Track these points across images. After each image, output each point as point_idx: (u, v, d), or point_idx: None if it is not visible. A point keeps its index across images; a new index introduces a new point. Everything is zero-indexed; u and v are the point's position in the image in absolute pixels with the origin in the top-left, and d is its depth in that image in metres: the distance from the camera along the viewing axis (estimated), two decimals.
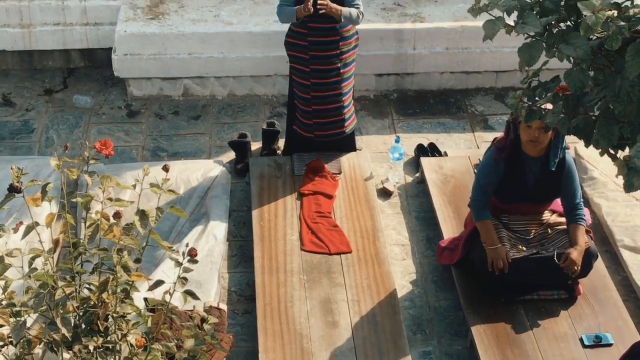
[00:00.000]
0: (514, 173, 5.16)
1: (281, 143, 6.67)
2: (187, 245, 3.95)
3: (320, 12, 5.77)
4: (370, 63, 7.14)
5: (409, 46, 7.16)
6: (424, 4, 7.37)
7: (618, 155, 3.56)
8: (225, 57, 7.09)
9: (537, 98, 3.69)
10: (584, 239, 5.15)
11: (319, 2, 5.76)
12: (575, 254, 5.06)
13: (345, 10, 5.87)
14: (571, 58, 3.44)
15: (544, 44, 3.49)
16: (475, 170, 6.21)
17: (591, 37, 3.37)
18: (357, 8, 5.92)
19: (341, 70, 6.07)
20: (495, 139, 5.39)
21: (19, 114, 7.04)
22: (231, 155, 6.63)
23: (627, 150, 3.46)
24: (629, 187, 3.24)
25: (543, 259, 5.15)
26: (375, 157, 6.63)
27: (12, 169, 3.78)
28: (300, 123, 6.28)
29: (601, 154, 3.61)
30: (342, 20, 5.87)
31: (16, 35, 7.29)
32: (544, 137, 5.02)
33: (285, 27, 6.14)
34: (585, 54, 3.33)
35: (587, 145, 3.58)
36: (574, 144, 6.34)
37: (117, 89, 7.33)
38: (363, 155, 6.50)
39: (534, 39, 3.50)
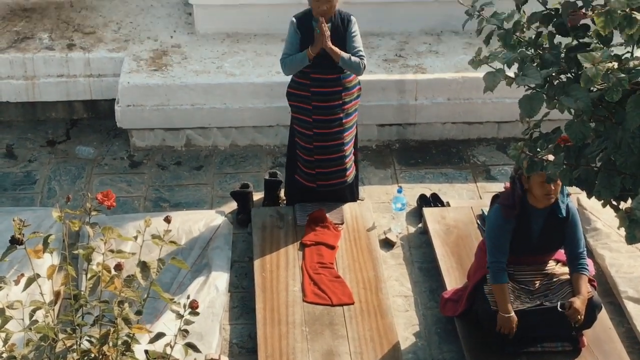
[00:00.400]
0: (521, 227, 5.14)
1: (282, 193, 6.67)
2: (188, 297, 3.92)
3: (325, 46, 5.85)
4: (372, 113, 7.17)
5: (411, 97, 7.19)
6: (425, 56, 7.42)
7: (620, 207, 3.56)
8: (227, 107, 7.12)
9: (538, 149, 3.70)
10: (586, 288, 5.13)
11: (320, 27, 5.82)
12: (579, 303, 5.04)
13: (345, 54, 5.91)
14: (572, 110, 3.45)
15: (544, 96, 3.50)
16: (478, 221, 6.22)
17: (592, 89, 3.38)
18: (360, 58, 5.97)
19: (343, 120, 6.10)
20: (496, 195, 5.35)
21: (22, 165, 7.06)
22: (233, 205, 6.63)
23: (629, 201, 3.46)
24: (631, 239, 3.23)
25: (547, 310, 5.12)
26: (378, 207, 6.62)
27: (14, 220, 3.77)
28: (303, 172, 6.29)
29: (603, 205, 3.61)
30: (340, 63, 5.90)
31: (20, 87, 7.34)
32: (557, 189, 5.01)
33: (287, 78, 6.17)
34: (586, 106, 3.34)
35: (589, 197, 3.58)
36: (576, 195, 6.34)
37: (119, 139, 7.36)
38: (365, 206, 6.50)
39: (534, 91, 3.51)
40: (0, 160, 7.11)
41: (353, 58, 5.93)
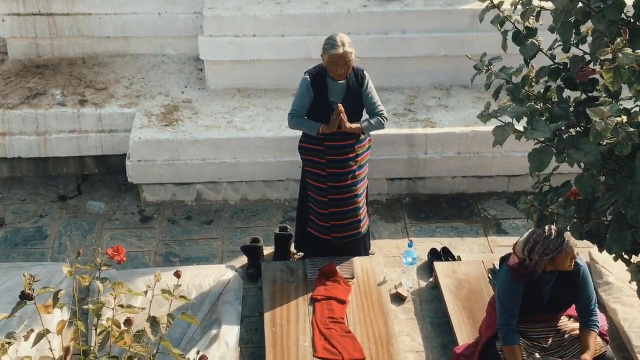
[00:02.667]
0: (531, 289, 5.10)
1: (293, 247, 6.67)
2: (198, 352, 3.90)
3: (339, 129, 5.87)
4: (382, 168, 7.19)
5: (421, 151, 7.21)
6: (435, 110, 7.46)
7: (632, 261, 3.54)
8: (238, 162, 7.15)
9: (548, 203, 3.70)
10: (595, 344, 5.08)
11: (338, 116, 5.84)
12: (589, 359, 4.99)
13: (365, 124, 5.95)
14: (582, 163, 3.46)
15: (554, 150, 3.51)
16: (490, 276, 6.18)
17: (601, 142, 3.39)
18: (380, 114, 6.01)
19: (356, 173, 6.12)
20: (505, 257, 5.31)
21: (33, 221, 7.08)
22: (244, 260, 6.62)
23: None
24: None
25: None
26: (389, 262, 6.60)
27: (24, 276, 3.78)
28: (317, 226, 6.28)
29: (615, 259, 3.59)
30: (364, 135, 5.97)
31: (32, 143, 7.39)
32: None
33: (298, 133, 6.20)
34: (596, 160, 3.34)
35: (600, 251, 3.57)
36: (588, 249, 6.31)
37: (130, 195, 7.39)
38: (376, 260, 6.48)
39: (544, 145, 3.52)
40: (12, 216, 7.13)
41: (374, 120, 5.98)
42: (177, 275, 4.01)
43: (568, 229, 3.55)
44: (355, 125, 5.90)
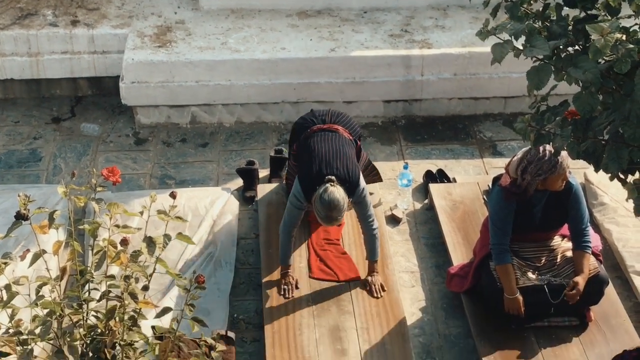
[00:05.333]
0: (523, 208, 5.12)
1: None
2: (194, 272, 3.92)
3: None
4: (378, 89, 7.14)
5: (417, 72, 7.15)
6: (431, 30, 7.38)
7: (628, 180, 3.53)
8: (232, 84, 7.09)
9: (545, 122, 3.67)
10: (588, 266, 5.11)
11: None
12: (581, 282, 5.03)
13: (374, 260, 5.57)
14: (580, 82, 3.43)
15: (552, 68, 3.47)
16: (484, 197, 6.20)
17: (600, 60, 3.35)
18: (372, 229, 5.50)
19: None
20: (497, 177, 5.31)
21: (27, 142, 7.05)
22: (239, 182, 6.62)
23: (637, 174, 3.43)
24: (639, 211, 3.21)
25: (553, 287, 5.12)
26: (384, 184, 6.60)
27: (19, 196, 3.77)
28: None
29: (611, 179, 3.58)
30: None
31: (24, 64, 7.31)
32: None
33: (293, 54, 6.12)
34: (594, 78, 3.31)
35: (596, 170, 3.55)
36: (583, 170, 6.32)
37: (124, 117, 7.34)
38: None
39: (542, 63, 3.48)
40: (5, 138, 7.10)
41: (370, 243, 5.52)
42: (173, 195, 4.00)
43: (565, 148, 3.53)
44: (376, 282, 5.54)
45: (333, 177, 5.29)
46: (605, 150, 3.42)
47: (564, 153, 4.18)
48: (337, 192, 5.22)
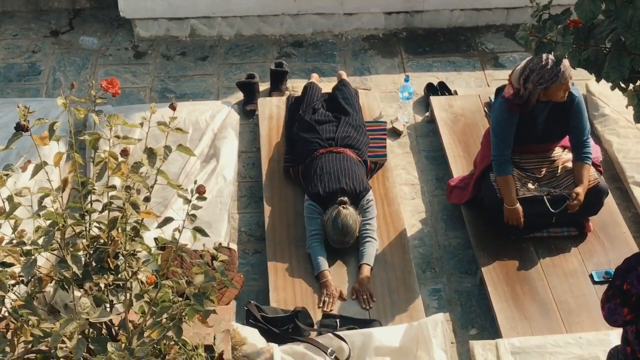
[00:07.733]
0: (525, 119, 5.10)
1: (289, 84, 6.63)
2: (195, 182, 3.92)
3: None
4: (378, 1, 7.05)
5: None
6: None
7: (629, 89, 3.51)
8: None
9: (547, 31, 3.63)
10: (588, 177, 5.13)
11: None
12: (581, 192, 5.06)
13: (369, 262, 5.21)
14: None
15: None
16: (485, 109, 6.18)
17: None
18: (371, 239, 5.27)
19: None
20: (501, 88, 5.27)
21: (26, 56, 7.00)
22: (239, 96, 6.60)
23: (638, 83, 3.41)
24: (639, 118, 3.21)
25: (553, 198, 5.15)
26: (385, 97, 6.58)
27: (18, 107, 3.75)
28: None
29: (612, 88, 3.56)
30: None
31: None
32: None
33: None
34: None
35: (598, 80, 3.53)
36: (585, 81, 6.29)
37: (123, 30, 7.28)
38: (372, 95, 6.46)
39: None
40: (4, 51, 7.05)
41: (366, 247, 5.24)
42: (172, 107, 3.97)
43: (566, 56, 3.50)
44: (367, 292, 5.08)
45: (345, 199, 5.25)
46: (607, 59, 3.40)
47: (566, 63, 4.16)
48: (350, 216, 5.17)
